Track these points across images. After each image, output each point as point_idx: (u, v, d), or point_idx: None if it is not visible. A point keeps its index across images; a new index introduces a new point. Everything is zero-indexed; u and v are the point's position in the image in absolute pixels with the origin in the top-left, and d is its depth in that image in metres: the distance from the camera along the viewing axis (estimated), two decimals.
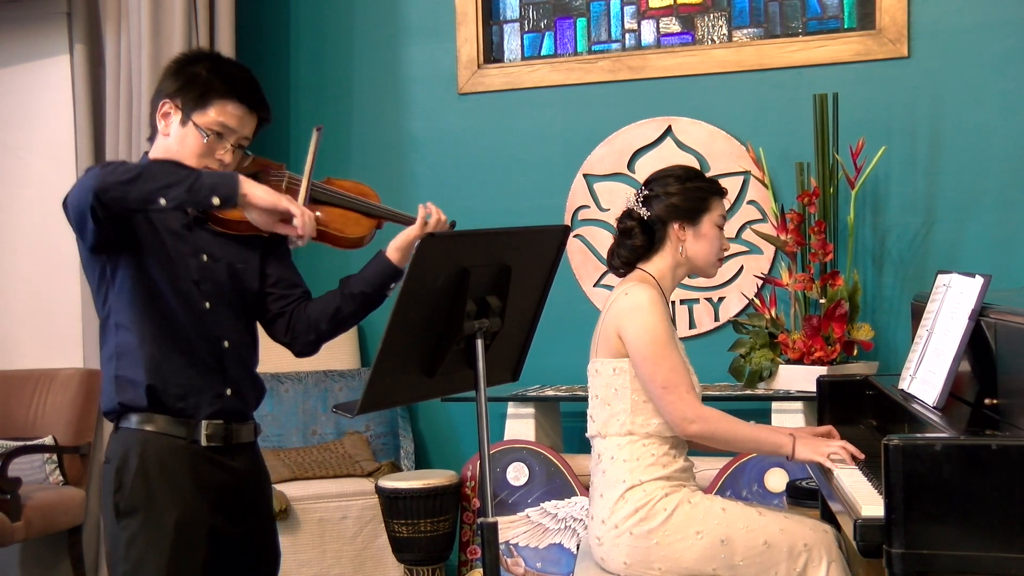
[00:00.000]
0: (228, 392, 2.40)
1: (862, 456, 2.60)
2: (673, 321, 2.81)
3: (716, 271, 2.89)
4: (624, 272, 2.84)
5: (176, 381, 2.34)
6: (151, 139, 2.45)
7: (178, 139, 2.37)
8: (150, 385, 2.32)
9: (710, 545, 2.57)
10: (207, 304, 2.38)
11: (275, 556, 2.55)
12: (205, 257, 2.40)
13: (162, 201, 2.17)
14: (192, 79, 2.37)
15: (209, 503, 2.36)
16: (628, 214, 2.81)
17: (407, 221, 2.48)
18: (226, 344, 2.40)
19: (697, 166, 4.31)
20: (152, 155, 2.41)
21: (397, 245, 2.45)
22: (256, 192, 2.22)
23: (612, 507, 2.64)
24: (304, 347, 2.52)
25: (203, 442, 2.36)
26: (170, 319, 2.34)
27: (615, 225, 2.86)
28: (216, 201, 2.19)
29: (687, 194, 2.76)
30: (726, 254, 2.86)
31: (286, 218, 2.26)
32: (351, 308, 2.46)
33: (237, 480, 2.43)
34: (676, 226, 2.76)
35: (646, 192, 2.80)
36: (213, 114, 2.35)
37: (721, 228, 2.81)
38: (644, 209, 2.78)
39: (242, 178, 2.22)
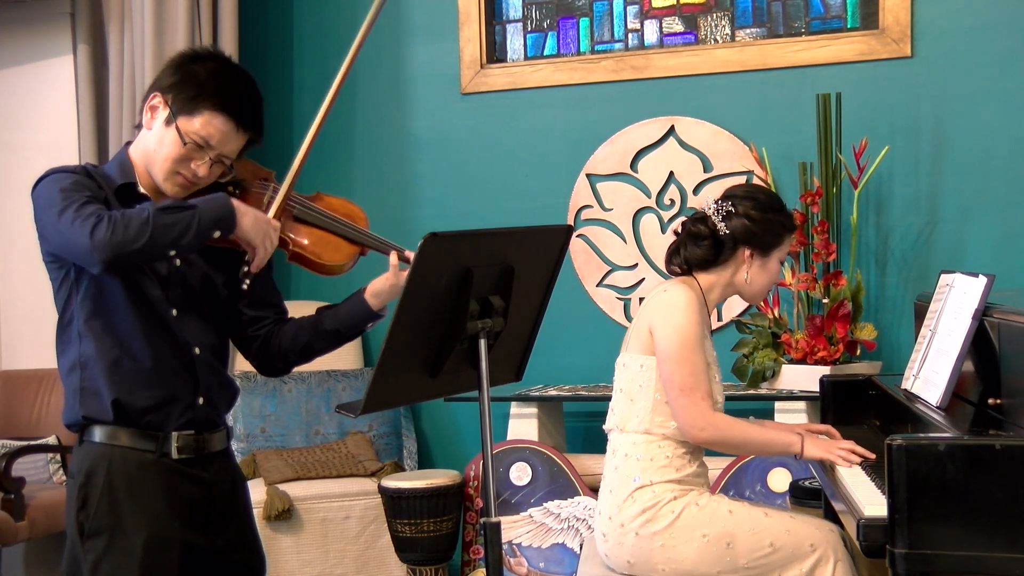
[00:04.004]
0: (200, 401, 2.30)
1: (872, 456, 2.60)
2: (712, 333, 2.80)
3: (761, 301, 2.90)
4: (678, 274, 2.82)
5: (144, 393, 2.23)
6: (138, 127, 2.34)
7: (157, 138, 2.26)
8: (116, 398, 2.21)
9: (715, 547, 2.57)
10: (174, 311, 2.28)
11: (260, 563, 2.46)
12: (178, 261, 2.29)
13: (172, 253, 2.15)
14: (190, 78, 2.25)
15: (181, 519, 2.26)
16: (703, 219, 2.76)
17: (385, 252, 2.39)
18: (197, 351, 2.30)
19: (701, 166, 4.33)
20: (133, 151, 2.32)
21: (374, 291, 2.37)
22: (244, 221, 2.21)
23: (620, 505, 2.64)
24: (271, 371, 2.46)
25: (174, 455, 2.26)
26: (136, 326, 2.23)
27: (681, 225, 2.82)
28: (217, 234, 2.17)
29: (768, 225, 2.74)
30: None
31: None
32: (322, 344, 2.41)
33: (210, 492, 2.32)
34: (747, 251, 2.74)
35: (729, 207, 2.74)
36: (198, 124, 2.23)
37: (782, 263, 2.82)
38: (723, 223, 2.73)
39: (235, 204, 2.20)
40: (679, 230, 2.83)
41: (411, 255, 2.32)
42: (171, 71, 2.29)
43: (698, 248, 2.75)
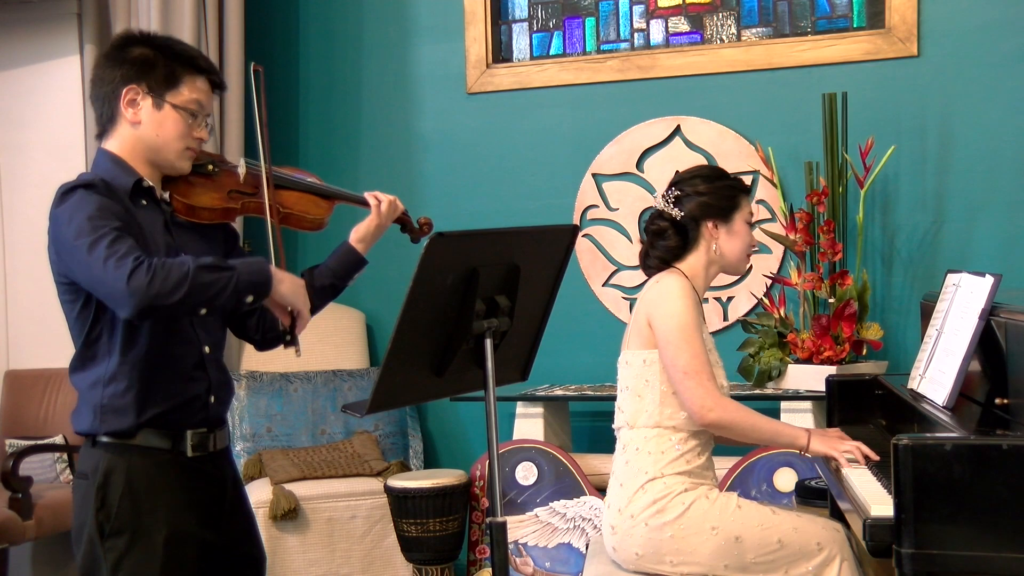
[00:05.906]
0: (212, 399, 2.35)
1: (876, 457, 2.59)
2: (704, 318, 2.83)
3: (745, 267, 2.93)
4: (658, 271, 2.86)
5: (167, 399, 2.27)
6: (100, 136, 2.35)
7: (154, 125, 2.29)
8: (140, 412, 2.24)
9: (724, 542, 2.59)
10: None
11: (260, 556, 2.50)
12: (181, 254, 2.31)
13: (203, 312, 2.15)
14: (147, 61, 2.29)
15: (198, 516, 2.30)
16: (659, 215, 2.83)
17: (359, 201, 2.51)
18: (206, 350, 2.35)
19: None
20: (116, 148, 2.31)
21: (359, 236, 2.46)
22: (281, 288, 2.23)
23: (631, 497, 2.65)
24: (272, 342, 2.50)
25: (189, 453, 2.30)
26: (158, 333, 2.26)
27: (645, 228, 2.89)
28: (250, 299, 2.18)
29: (718, 192, 2.80)
30: (754, 250, 2.89)
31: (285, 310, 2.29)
32: (319, 301, 2.45)
33: (222, 488, 2.38)
34: (710, 224, 2.79)
35: (676, 193, 2.81)
36: (187, 92, 2.31)
37: (750, 224, 2.86)
38: (676, 209, 2.80)
39: (273, 269, 2.23)
40: (642, 237, 2.88)
41: (380, 194, 2.50)
42: (120, 64, 2.30)
43: (665, 241, 2.81)
